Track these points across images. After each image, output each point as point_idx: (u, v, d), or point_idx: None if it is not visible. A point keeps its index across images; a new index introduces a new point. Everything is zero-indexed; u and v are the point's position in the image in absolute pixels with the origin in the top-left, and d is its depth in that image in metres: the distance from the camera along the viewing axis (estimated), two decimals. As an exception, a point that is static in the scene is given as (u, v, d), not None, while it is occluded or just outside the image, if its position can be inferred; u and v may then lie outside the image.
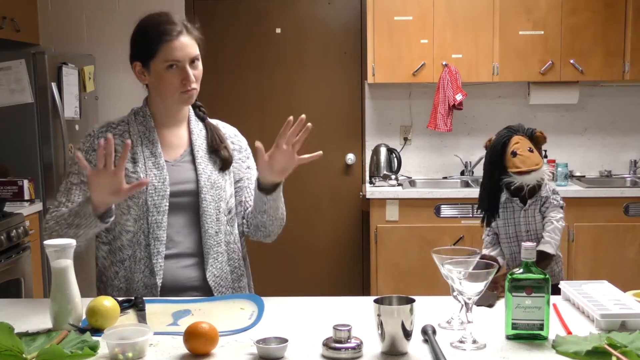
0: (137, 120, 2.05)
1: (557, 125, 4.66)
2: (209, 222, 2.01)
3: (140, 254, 1.97)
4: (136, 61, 2.00)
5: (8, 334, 1.41)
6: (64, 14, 4.69)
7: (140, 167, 1.98)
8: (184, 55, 1.94)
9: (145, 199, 1.95)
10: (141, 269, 1.98)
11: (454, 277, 1.55)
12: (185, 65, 1.94)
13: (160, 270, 1.96)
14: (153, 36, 1.95)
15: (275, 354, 1.47)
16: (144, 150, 2.00)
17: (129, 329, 1.53)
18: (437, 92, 4.38)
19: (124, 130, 2.03)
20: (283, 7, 4.73)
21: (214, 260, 2.03)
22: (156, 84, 1.99)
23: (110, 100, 4.70)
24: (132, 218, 1.97)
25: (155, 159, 1.99)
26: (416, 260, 4.12)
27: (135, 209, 1.96)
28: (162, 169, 1.98)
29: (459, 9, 4.30)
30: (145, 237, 1.97)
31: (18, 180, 3.88)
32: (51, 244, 1.66)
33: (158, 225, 1.96)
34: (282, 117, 2.15)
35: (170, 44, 1.93)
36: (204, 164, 2.03)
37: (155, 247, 1.96)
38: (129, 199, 1.95)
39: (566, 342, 1.50)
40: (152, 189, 1.96)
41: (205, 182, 2.01)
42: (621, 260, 4.14)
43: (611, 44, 4.28)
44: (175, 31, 1.94)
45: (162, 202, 1.96)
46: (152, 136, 2.02)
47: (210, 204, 2.01)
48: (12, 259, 3.51)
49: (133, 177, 1.96)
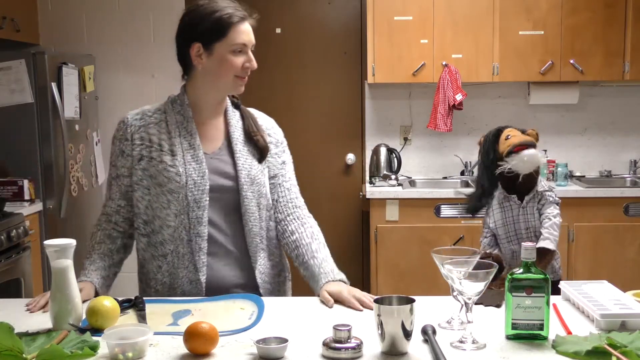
0: (174, 109, 1.99)
1: (557, 125, 4.66)
2: (252, 220, 1.98)
3: (183, 249, 1.94)
4: (195, 43, 1.91)
5: (8, 334, 1.41)
6: (64, 14, 4.69)
7: (178, 160, 1.93)
8: (249, 39, 1.94)
9: (186, 194, 1.91)
10: (185, 264, 1.95)
11: (454, 277, 1.55)
12: (249, 50, 1.94)
13: (203, 267, 1.94)
14: (220, 18, 1.90)
15: (275, 354, 1.47)
16: (182, 141, 1.95)
17: (129, 329, 1.53)
18: (437, 92, 4.38)
19: (161, 119, 1.98)
20: (283, 7, 4.73)
21: (260, 259, 2.02)
22: (215, 67, 1.92)
23: (110, 100, 4.70)
24: (172, 213, 1.93)
25: (194, 152, 1.94)
26: (416, 260, 4.12)
27: (175, 204, 1.92)
28: (201, 162, 1.94)
29: (459, 9, 4.30)
30: (186, 232, 1.93)
31: (18, 180, 3.87)
32: (51, 244, 1.66)
33: (199, 221, 1.92)
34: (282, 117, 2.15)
35: (239, 27, 1.91)
36: (243, 158, 1.98)
37: (197, 243, 1.93)
38: (168, 194, 1.92)
39: (566, 342, 1.50)
40: (192, 183, 1.91)
41: (245, 178, 1.97)
42: (621, 260, 4.14)
43: (611, 44, 4.28)
44: (242, 15, 1.94)
45: (203, 197, 1.92)
46: (190, 127, 1.97)
47: (252, 202, 1.98)
48: (12, 259, 3.51)
49: (172, 170, 1.92)
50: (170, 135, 1.95)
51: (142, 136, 1.97)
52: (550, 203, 2.46)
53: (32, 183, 3.93)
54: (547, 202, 2.45)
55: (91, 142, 4.49)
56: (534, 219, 2.46)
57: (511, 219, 2.50)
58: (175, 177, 1.91)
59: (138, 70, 4.70)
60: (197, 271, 1.94)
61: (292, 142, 2.17)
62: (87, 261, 1.96)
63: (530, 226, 2.47)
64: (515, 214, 2.49)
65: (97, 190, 4.59)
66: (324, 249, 2.04)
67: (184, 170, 1.92)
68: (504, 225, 2.51)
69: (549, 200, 2.46)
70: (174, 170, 1.92)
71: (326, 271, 1.96)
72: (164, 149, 1.94)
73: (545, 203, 2.45)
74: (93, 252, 1.98)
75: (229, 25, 1.90)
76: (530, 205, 2.47)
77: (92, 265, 1.95)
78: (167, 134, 1.96)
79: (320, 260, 1.99)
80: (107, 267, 1.97)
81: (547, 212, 2.44)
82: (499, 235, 2.55)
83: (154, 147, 1.95)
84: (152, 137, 1.96)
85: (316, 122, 4.77)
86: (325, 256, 2.01)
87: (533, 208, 2.46)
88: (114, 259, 2.00)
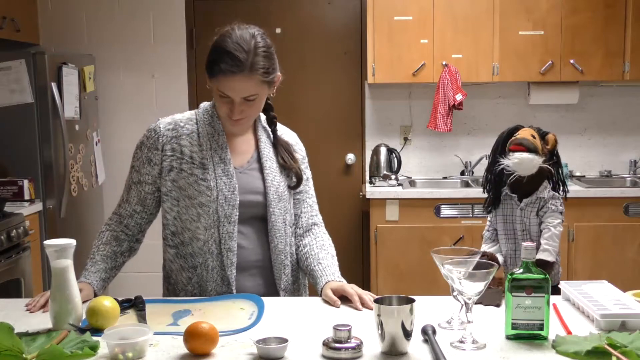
0: (206, 121, 1.96)
1: (557, 125, 4.65)
2: (278, 236, 1.98)
3: (212, 262, 1.94)
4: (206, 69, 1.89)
5: (8, 334, 1.41)
6: (64, 14, 4.69)
7: (210, 173, 1.92)
8: (234, 94, 1.84)
9: (216, 209, 1.91)
10: (214, 277, 1.95)
11: (454, 277, 1.55)
12: (236, 100, 1.85)
13: (234, 282, 1.94)
14: (213, 60, 1.84)
15: (275, 354, 1.47)
16: (213, 155, 1.93)
17: (129, 329, 1.53)
18: (437, 92, 4.38)
19: (192, 130, 1.96)
20: (283, 7, 4.73)
21: (284, 275, 2.02)
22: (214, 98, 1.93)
23: (110, 100, 4.70)
24: (201, 226, 1.93)
25: (225, 166, 1.93)
26: (416, 260, 4.12)
27: (205, 217, 1.92)
28: (232, 177, 1.93)
29: (459, 9, 4.30)
30: (217, 246, 1.93)
31: (18, 180, 3.87)
32: (51, 244, 1.66)
33: (230, 236, 1.92)
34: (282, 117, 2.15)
35: (224, 79, 1.82)
36: (272, 174, 1.98)
37: (229, 257, 1.93)
38: (198, 207, 1.91)
39: (566, 342, 1.51)
40: (223, 198, 1.91)
41: (274, 194, 1.97)
42: (621, 260, 4.14)
43: (611, 44, 4.28)
44: (234, 69, 1.81)
45: (233, 212, 1.92)
46: (221, 140, 1.95)
47: (279, 218, 1.98)
48: (12, 259, 3.51)
49: (203, 184, 1.91)
50: (202, 147, 1.94)
51: (173, 147, 1.94)
52: (553, 212, 2.42)
53: (32, 183, 3.93)
54: (549, 210, 2.43)
55: (91, 142, 4.49)
56: (530, 223, 2.45)
57: (510, 217, 2.50)
58: (206, 191, 1.91)
59: (138, 70, 4.70)
60: (226, 284, 1.94)
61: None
62: (90, 262, 1.96)
63: (526, 229, 2.46)
64: (514, 213, 2.48)
65: (97, 190, 4.59)
66: (331, 259, 2.05)
67: (215, 185, 1.91)
68: (504, 222, 2.51)
69: (551, 208, 2.43)
70: (205, 184, 1.91)
71: (328, 273, 1.97)
72: (195, 161, 1.93)
73: (548, 211, 2.42)
74: (97, 252, 1.97)
75: (215, 73, 1.83)
76: (528, 209, 2.45)
77: (93, 267, 1.94)
78: (198, 146, 1.94)
79: (324, 266, 2.00)
80: (109, 269, 1.97)
81: (548, 221, 2.41)
82: (498, 231, 2.56)
83: (185, 159, 1.93)
84: (183, 149, 1.94)
85: (316, 122, 4.76)
86: (330, 264, 2.02)
87: (531, 212, 2.44)
88: (117, 261, 2.00)
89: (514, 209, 2.48)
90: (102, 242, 1.99)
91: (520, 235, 2.47)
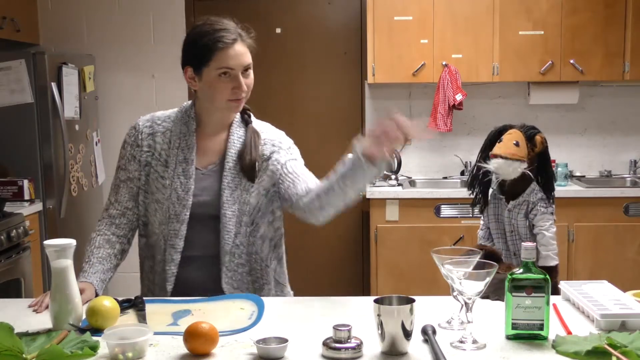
0: (182, 120, 2.03)
1: (557, 125, 4.66)
2: (227, 238, 2.00)
3: (159, 257, 2.02)
4: (188, 66, 1.96)
5: (8, 334, 1.41)
6: (64, 14, 4.69)
7: (169, 172, 1.98)
8: (237, 63, 1.92)
9: (168, 207, 1.97)
10: (158, 271, 2.02)
11: (454, 277, 1.55)
12: (238, 73, 1.92)
13: (171, 277, 1.99)
14: (207, 43, 1.91)
15: (275, 354, 1.47)
16: (178, 154, 1.99)
17: (129, 329, 1.53)
18: (437, 92, 4.38)
19: (167, 128, 2.02)
20: (283, 7, 4.73)
21: (232, 272, 2.02)
22: (207, 90, 1.96)
23: (110, 100, 4.70)
24: (157, 221, 2.01)
25: (186, 166, 1.98)
26: (416, 260, 4.12)
27: (160, 213, 1.99)
28: (190, 178, 1.98)
29: (459, 9, 4.30)
30: (164, 242, 2.00)
31: (18, 180, 3.87)
32: (51, 244, 1.66)
33: (176, 234, 1.98)
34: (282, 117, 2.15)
35: (225, 52, 1.90)
36: (231, 177, 2.00)
37: (170, 254, 1.98)
38: (155, 203, 1.99)
39: (566, 342, 1.51)
40: (176, 197, 1.97)
41: (228, 197, 1.98)
42: (621, 260, 4.14)
43: (611, 44, 4.28)
44: (230, 39, 1.92)
45: (183, 212, 1.97)
46: (190, 140, 2.00)
47: (231, 220, 1.99)
48: (12, 259, 3.51)
49: (161, 182, 1.99)
50: (171, 145, 2.00)
51: (149, 143, 2.02)
52: (543, 214, 2.42)
53: (32, 183, 3.93)
54: (539, 212, 2.42)
55: (91, 142, 4.49)
56: (517, 225, 2.45)
57: (500, 217, 2.51)
58: (162, 189, 1.98)
59: (138, 70, 4.70)
60: (169, 278, 1.99)
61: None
62: (87, 264, 1.97)
63: (514, 230, 2.46)
64: (503, 214, 2.49)
65: (97, 190, 4.59)
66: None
67: (171, 183, 1.97)
68: (495, 222, 2.52)
69: (540, 211, 2.42)
70: (162, 182, 1.99)
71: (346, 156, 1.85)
72: (161, 159, 2.00)
73: (538, 214, 2.42)
74: (92, 256, 1.99)
75: (215, 50, 1.90)
76: (516, 210, 2.45)
77: (91, 268, 1.96)
78: (168, 144, 2.00)
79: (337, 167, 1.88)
80: (106, 270, 1.99)
81: (540, 224, 2.41)
82: (491, 230, 2.57)
83: (155, 155, 2.00)
84: (156, 146, 2.01)
85: (316, 122, 4.76)
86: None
87: (519, 214, 2.44)
88: (112, 263, 2.02)
89: (502, 209, 2.49)
90: (95, 247, 2.01)
91: (509, 236, 2.47)
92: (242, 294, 1.97)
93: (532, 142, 2.47)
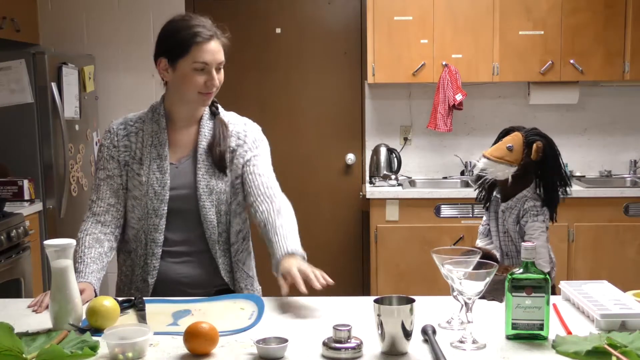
0: (153, 118, 2.07)
1: (557, 125, 4.66)
2: (211, 227, 2.05)
3: (140, 251, 2.06)
4: (162, 57, 2.01)
5: (8, 334, 1.41)
6: (64, 14, 4.69)
7: (144, 169, 2.03)
8: (213, 59, 1.97)
9: (146, 202, 2.02)
10: (140, 264, 2.06)
11: (454, 277, 1.55)
12: (212, 69, 1.98)
13: (154, 271, 2.04)
14: (186, 36, 1.97)
15: (275, 354, 1.47)
16: (151, 151, 2.04)
17: (129, 329, 1.53)
18: (437, 92, 4.38)
19: (139, 128, 2.07)
20: (283, 7, 4.73)
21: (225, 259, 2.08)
22: (179, 82, 2.00)
23: (110, 100, 4.70)
24: (135, 217, 2.06)
25: (161, 162, 2.03)
26: (416, 260, 4.12)
27: (138, 209, 2.04)
28: (165, 173, 2.02)
29: (459, 9, 4.30)
30: (145, 237, 2.04)
31: (18, 180, 3.88)
32: (51, 244, 1.66)
33: (155, 228, 2.03)
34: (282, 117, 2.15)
35: (202, 47, 1.96)
36: (204, 168, 2.04)
37: (151, 248, 2.04)
38: (132, 199, 2.04)
39: (566, 342, 1.51)
40: (153, 192, 2.02)
41: (204, 188, 2.04)
42: (621, 260, 4.14)
43: (611, 44, 4.28)
44: (207, 35, 1.98)
45: (161, 206, 2.02)
46: (162, 137, 2.05)
47: (210, 210, 2.04)
48: (12, 259, 3.51)
49: (137, 179, 2.03)
50: (144, 144, 2.05)
51: (125, 144, 2.07)
52: (533, 222, 2.41)
53: (32, 183, 3.93)
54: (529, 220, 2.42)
55: (91, 142, 4.49)
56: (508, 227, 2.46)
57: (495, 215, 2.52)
58: (139, 186, 2.03)
59: (138, 70, 4.70)
60: (148, 273, 2.04)
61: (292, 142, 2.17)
62: (81, 265, 1.97)
63: (506, 231, 2.47)
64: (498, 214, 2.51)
65: (97, 190, 4.58)
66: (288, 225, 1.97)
67: (147, 180, 2.02)
68: (494, 220, 2.53)
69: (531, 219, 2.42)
70: (138, 179, 2.03)
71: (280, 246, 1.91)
72: (136, 157, 2.05)
73: (529, 221, 2.42)
74: (84, 256, 2.00)
75: (192, 44, 1.96)
76: (507, 213, 2.46)
77: (87, 268, 1.97)
78: (141, 142, 2.05)
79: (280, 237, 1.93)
80: (100, 269, 2.00)
81: (529, 233, 2.40)
82: (490, 227, 2.58)
83: (131, 154, 2.05)
84: (132, 145, 2.06)
85: (316, 122, 4.76)
86: (287, 232, 1.95)
87: (509, 217, 2.45)
88: (104, 262, 2.03)
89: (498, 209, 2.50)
90: (86, 247, 2.01)
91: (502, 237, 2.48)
92: (242, 294, 1.97)
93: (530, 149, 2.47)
